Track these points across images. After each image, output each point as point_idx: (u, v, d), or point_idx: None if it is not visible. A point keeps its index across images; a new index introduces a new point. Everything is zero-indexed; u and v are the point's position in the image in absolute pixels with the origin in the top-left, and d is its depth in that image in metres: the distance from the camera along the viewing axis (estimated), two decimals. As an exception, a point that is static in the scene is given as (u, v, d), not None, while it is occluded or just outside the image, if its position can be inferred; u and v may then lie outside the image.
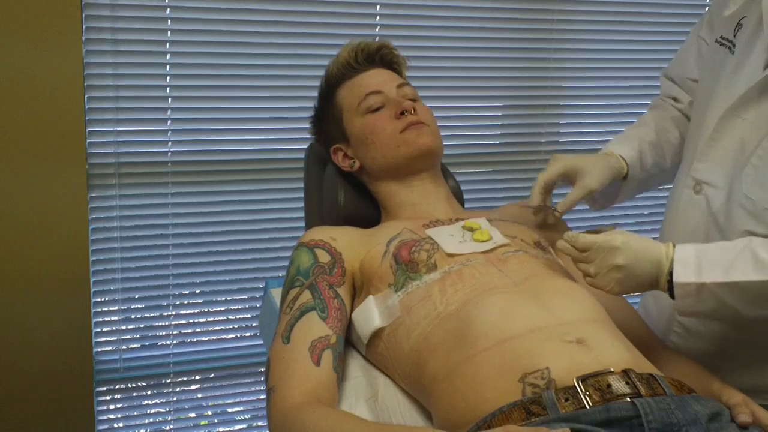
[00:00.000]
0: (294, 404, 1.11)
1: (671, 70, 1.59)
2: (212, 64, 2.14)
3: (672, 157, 1.53)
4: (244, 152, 2.22)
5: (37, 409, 2.10)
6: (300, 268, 1.30)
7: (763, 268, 1.12)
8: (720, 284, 1.14)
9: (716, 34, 1.39)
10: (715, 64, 1.37)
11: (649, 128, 1.53)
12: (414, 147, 1.42)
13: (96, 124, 2.06)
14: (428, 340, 1.18)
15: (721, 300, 1.15)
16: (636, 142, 1.49)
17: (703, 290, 1.15)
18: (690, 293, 1.16)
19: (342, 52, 1.53)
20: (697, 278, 1.15)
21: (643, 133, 1.52)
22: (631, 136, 1.51)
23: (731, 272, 1.14)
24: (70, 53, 1.93)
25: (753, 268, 1.13)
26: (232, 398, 2.43)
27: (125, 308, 2.23)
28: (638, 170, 1.48)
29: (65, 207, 2.01)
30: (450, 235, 1.33)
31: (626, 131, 1.55)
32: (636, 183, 1.50)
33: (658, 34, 2.55)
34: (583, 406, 1.00)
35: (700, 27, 1.50)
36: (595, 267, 1.21)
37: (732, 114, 1.28)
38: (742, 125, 1.27)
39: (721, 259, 1.16)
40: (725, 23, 1.36)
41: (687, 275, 1.16)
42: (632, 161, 1.46)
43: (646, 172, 1.50)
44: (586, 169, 1.38)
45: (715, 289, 1.15)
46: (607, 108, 2.61)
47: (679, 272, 1.16)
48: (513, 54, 2.42)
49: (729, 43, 1.34)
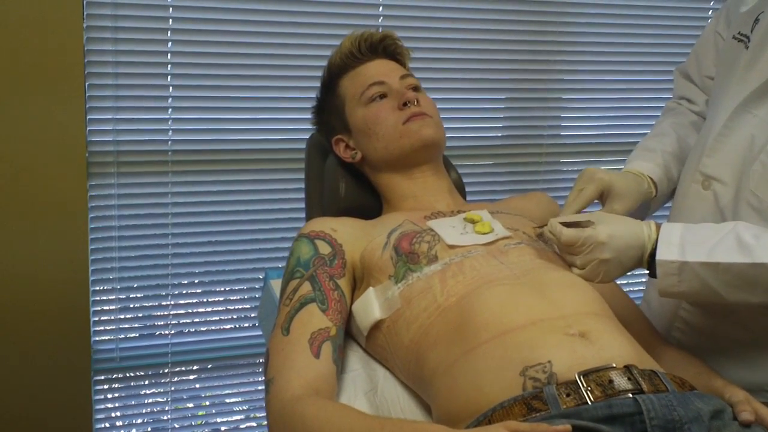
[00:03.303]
0: (293, 396, 1.10)
1: (688, 67, 1.57)
2: (214, 53, 2.13)
3: None
4: (245, 142, 2.21)
5: (35, 399, 2.10)
6: (300, 259, 1.29)
7: (746, 251, 1.12)
8: (702, 264, 1.15)
9: (733, 30, 1.37)
10: (731, 60, 1.35)
11: (670, 138, 1.50)
12: (416, 138, 1.41)
13: (96, 112, 2.04)
14: (428, 333, 1.18)
15: (703, 281, 1.15)
16: (660, 157, 1.46)
17: (685, 269, 1.16)
18: (672, 272, 1.17)
19: (345, 42, 1.52)
20: (679, 257, 1.16)
21: (665, 144, 1.49)
22: (654, 150, 1.48)
23: (714, 253, 1.14)
24: (71, 41, 1.92)
25: (736, 250, 1.13)
26: (229, 389, 2.42)
27: (123, 297, 2.23)
28: (666, 186, 1.46)
29: (64, 196, 2.01)
30: (451, 227, 1.33)
31: (647, 142, 1.52)
32: (663, 198, 1.49)
33: (660, 27, 2.54)
34: (585, 401, 0.99)
35: (717, 22, 1.48)
36: (581, 260, 1.22)
37: (743, 110, 1.27)
38: (753, 121, 1.26)
39: (705, 240, 1.16)
40: (743, 19, 1.35)
41: (670, 254, 1.16)
42: (659, 179, 1.44)
43: (673, 184, 1.48)
44: (618, 193, 1.34)
45: (697, 268, 1.15)
46: (609, 102, 2.60)
47: (663, 250, 1.17)
48: (516, 47, 2.41)
49: (745, 38, 1.32)
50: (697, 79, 1.55)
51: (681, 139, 1.50)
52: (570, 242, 1.22)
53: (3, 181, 1.95)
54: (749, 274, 1.13)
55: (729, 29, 1.40)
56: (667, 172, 1.46)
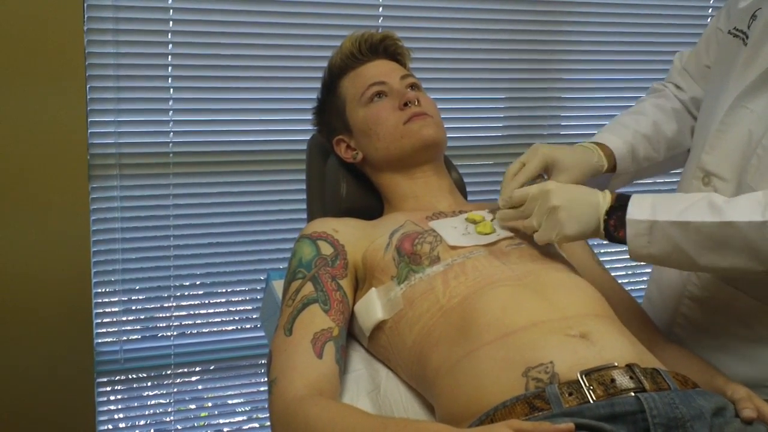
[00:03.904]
0: (296, 396, 1.10)
1: (688, 60, 1.56)
2: (215, 54, 2.13)
3: (666, 151, 1.51)
4: (246, 144, 2.22)
5: (38, 401, 2.10)
6: (302, 260, 1.29)
7: (716, 211, 1.12)
8: (672, 223, 1.14)
9: (731, 25, 1.37)
10: (728, 56, 1.35)
11: (647, 119, 1.50)
12: (417, 138, 1.41)
13: (97, 115, 2.05)
14: (431, 333, 1.18)
15: (673, 241, 1.15)
16: (630, 134, 1.47)
17: (655, 229, 1.15)
18: (642, 232, 1.16)
19: (345, 42, 1.52)
20: (650, 216, 1.16)
21: (639, 124, 1.49)
22: (627, 126, 1.48)
23: (685, 213, 1.14)
24: (72, 43, 1.93)
25: (707, 210, 1.13)
26: (232, 390, 2.43)
27: (126, 299, 2.23)
28: (629, 163, 1.46)
29: (66, 198, 2.01)
30: (453, 228, 1.33)
31: (622, 118, 1.53)
32: (627, 176, 1.49)
33: (660, 27, 2.54)
34: (587, 400, 0.99)
35: (719, 18, 1.47)
36: (536, 217, 1.23)
37: (740, 105, 1.27)
38: (750, 117, 1.26)
39: (677, 204, 1.16)
40: (740, 14, 1.35)
41: (641, 213, 1.16)
42: (621, 155, 1.44)
43: (638, 164, 1.48)
44: (563, 165, 1.34)
45: (668, 228, 1.15)
46: (609, 101, 2.60)
47: (633, 211, 1.17)
48: (516, 46, 2.41)
49: (742, 34, 1.32)
50: (695, 70, 1.54)
51: (656, 124, 1.50)
52: (522, 198, 1.24)
53: (5, 184, 1.95)
54: (719, 234, 1.12)
55: (728, 24, 1.40)
56: (634, 151, 1.46)
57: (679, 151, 1.53)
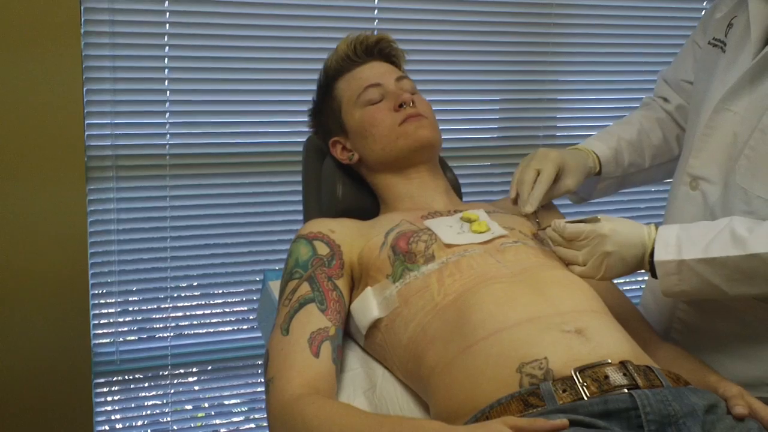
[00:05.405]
0: (293, 395, 1.11)
1: (667, 73, 1.61)
2: (211, 57, 2.13)
3: (651, 158, 1.56)
4: (242, 145, 2.22)
5: (35, 402, 2.10)
6: (299, 260, 1.30)
7: (741, 244, 1.14)
8: (699, 261, 1.16)
9: (708, 36, 1.42)
10: (709, 65, 1.39)
11: (632, 127, 1.55)
12: (413, 139, 1.42)
13: (94, 117, 2.05)
14: (426, 331, 1.19)
15: (702, 277, 1.17)
16: (614, 140, 1.52)
17: (683, 267, 1.17)
18: (671, 271, 1.18)
19: (341, 44, 1.53)
20: (676, 256, 1.17)
21: (624, 131, 1.54)
22: (612, 133, 1.54)
23: (709, 249, 1.16)
24: (68, 45, 1.93)
25: (731, 243, 1.15)
26: (229, 390, 2.43)
27: (123, 300, 2.23)
28: (613, 168, 1.51)
29: (63, 200, 2.01)
30: (448, 226, 1.34)
31: (611, 127, 1.58)
32: (613, 181, 1.54)
33: (654, 28, 2.55)
34: (581, 397, 1.00)
35: (696, 33, 1.52)
36: (584, 255, 1.24)
37: (723, 107, 1.30)
38: (734, 119, 1.28)
39: (701, 238, 1.18)
40: (717, 25, 1.40)
41: (667, 253, 1.18)
42: (606, 159, 1.49)
43: (623, 170, 1.53)
44: (570, 169, 1.40)
45: (695, 265, 1.16)
46: (604, 102, 2.61)
47: (660, 251, 1.19)
48: (511, 48, 2.42)
49: (720, 43, 1.37)
50: (674, 82, 1.58)
51: (642, 131, 1.55)
52: (574, 235, 1.24)
53: (2, 186, 1.95)
54: (745, 267, 1.14)
55: (705, 36, 1.44)
56: (618, 156, 1.51)
57: (666, 159, 1.57)
